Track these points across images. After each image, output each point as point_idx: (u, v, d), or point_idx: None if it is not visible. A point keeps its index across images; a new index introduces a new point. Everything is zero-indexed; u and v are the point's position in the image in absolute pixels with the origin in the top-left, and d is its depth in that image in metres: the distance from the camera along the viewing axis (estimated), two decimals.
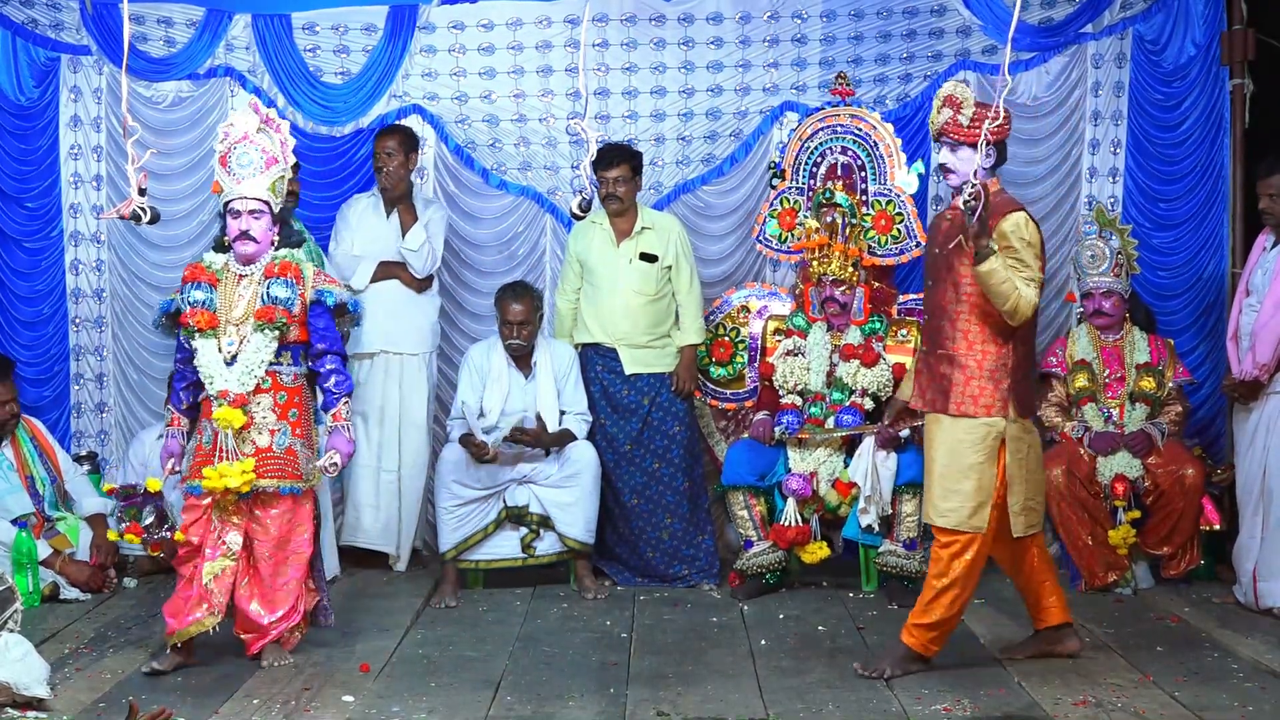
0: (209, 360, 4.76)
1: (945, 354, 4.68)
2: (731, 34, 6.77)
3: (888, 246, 6.16)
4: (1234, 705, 4.45)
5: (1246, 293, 5.80)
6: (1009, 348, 4.64)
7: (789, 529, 5.87)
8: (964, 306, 4.64)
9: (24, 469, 6.04)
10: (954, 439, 4.65)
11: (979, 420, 4.63)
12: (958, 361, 4.65)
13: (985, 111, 4.57)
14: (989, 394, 4.62)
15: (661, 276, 6.17)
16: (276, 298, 4.79)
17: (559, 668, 4.93)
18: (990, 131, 4.52)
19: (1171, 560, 6.11)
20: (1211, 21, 6.63)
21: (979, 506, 4.63)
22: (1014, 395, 4.64)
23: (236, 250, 4.83)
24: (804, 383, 6.04)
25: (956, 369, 4.65)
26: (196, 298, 4.79)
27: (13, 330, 6.79)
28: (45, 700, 4.38)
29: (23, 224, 6.79)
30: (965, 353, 4.65)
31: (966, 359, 4.65)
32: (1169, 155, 6.71)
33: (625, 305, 6.15)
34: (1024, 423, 4.70)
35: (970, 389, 4.63)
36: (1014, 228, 4.57)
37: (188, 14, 6.73)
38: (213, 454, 4.77)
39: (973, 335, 4.65)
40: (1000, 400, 4.62)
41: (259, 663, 4.86)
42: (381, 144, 6.34)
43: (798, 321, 6.16)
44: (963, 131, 4.62)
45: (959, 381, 4.64)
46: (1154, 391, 6.17)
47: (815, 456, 5.94)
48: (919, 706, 4.44)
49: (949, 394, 4.66)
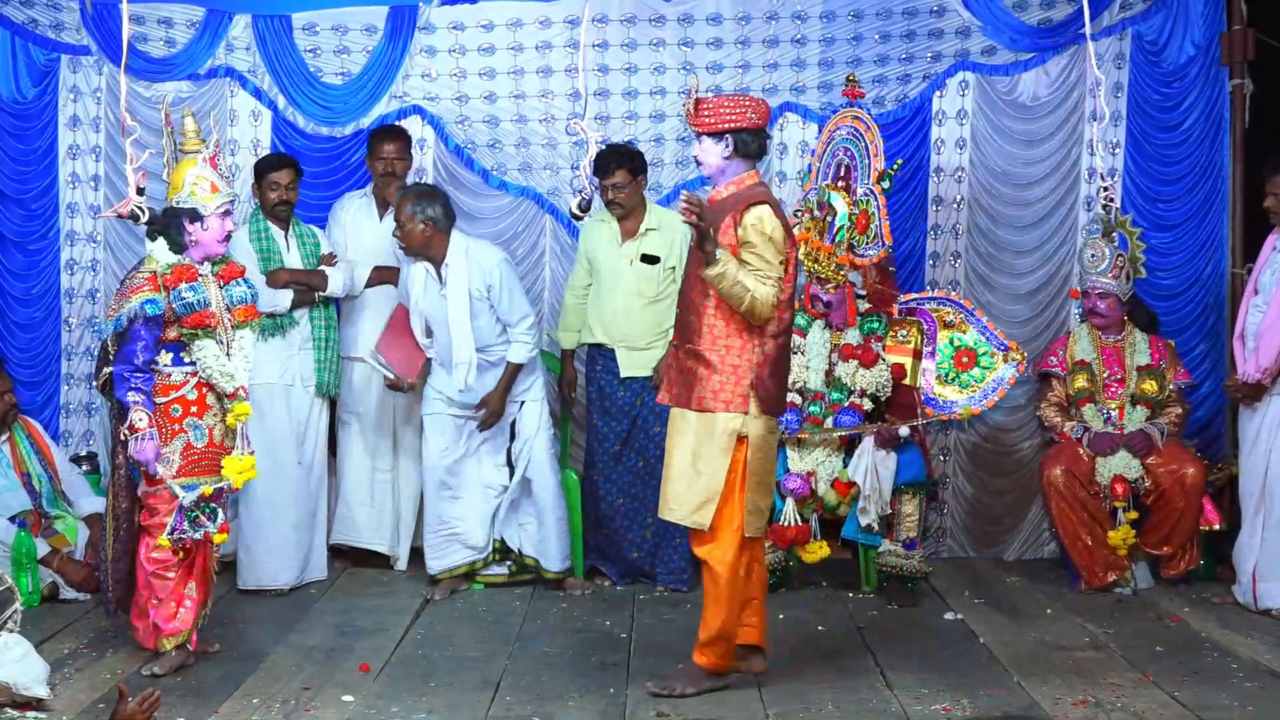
0: (218, 359, 4.81)
1: (691, 349, 4.60)
2: (731, 35, 6.77)
3: (864, 246, 6.13)
4: (1234, 705, 4.46)
5: (1254, 292, 5.77)
6: (755, 345, 4.54)
7: (789, 529, 5.87)
8: (710, 302, 4.57)
9: (20, 466, 6.05)
10: (693, 434, 4.58)
11: (718, 415, 4.54)
12: (702, 357, 4.57)
13: (720, 101, 4.57)
14: (729, 390, 4.53)
15: (665, 278, 6.12)
16: (243, 298, 4.93)
17: (559, 668, 4.94)
18: (724, 121, 4.50)
19: (1171, 560, 6.12)
20: (1211, 21, 6.63)
21: (705, 503, 4.56)
22: (756, 393, 4.54)
23: (216, 250, 4.88)
24: (803, 381, 6.04)
25: (701, 364, 4.57)
26: (197, 298, 4.78)
27: (9, 334, 6.76)
28: (45, 700, 4.38)
29: (20, 225, 6.77)
30: (709, 348, 4.56)
31: (710, 354, 4.56)
32: (1168, 156, 6.71)
33: (625, 306, 6.13)
34: (767, 421, 4.60)
35: (712, 384, 4.54)
36: (755, 221, 4.49)
37: (188, 14, 6.72)
38: (210, 451, 4.83)
39: (718, 331, 4.56)
40: (740, 397, 4.53)
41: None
42: (384, 146, 6.32)
43: (799, 321, 6.16)
44: (694, 120, 4.57)
45: (702, 377, 4.56)
46: (1155, 395, 6.16)
47: (814, 456, 5.94)
48: (919, 706, 4.45)
49: (692, 389, 4.58)
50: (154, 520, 4.83)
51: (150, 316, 4.71)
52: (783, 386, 4.68)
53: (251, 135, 6.76)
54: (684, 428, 4.61)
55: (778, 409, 4.67)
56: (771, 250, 4.49)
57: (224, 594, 5.90)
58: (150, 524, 4.84)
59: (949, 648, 5.19)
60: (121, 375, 4.75)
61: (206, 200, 4.82)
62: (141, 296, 4.72)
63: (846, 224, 6.04)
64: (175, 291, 4.75)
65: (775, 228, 4.51)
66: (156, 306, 4.72)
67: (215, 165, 4.89)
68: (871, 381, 5.95)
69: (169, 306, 4.74)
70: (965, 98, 6.74)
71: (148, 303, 4.71)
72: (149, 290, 4.73)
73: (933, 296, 6.31)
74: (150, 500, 4.83)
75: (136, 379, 4.76)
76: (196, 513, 4.80)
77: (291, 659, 5.02)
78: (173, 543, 4.79)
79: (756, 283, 4.46)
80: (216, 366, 4.81)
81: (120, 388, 4.75)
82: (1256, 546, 5.66)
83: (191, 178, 4.82)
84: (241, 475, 4.86)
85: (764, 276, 4.47)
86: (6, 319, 6.78)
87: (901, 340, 6.12)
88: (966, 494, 6.79)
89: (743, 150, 4.59)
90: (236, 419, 4.87)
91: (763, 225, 4.49)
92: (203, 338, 4.79)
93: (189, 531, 4.81)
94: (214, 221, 4.84)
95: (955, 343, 6.18)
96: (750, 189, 4.59)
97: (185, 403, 4.82)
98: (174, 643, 4.84)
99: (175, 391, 4.82)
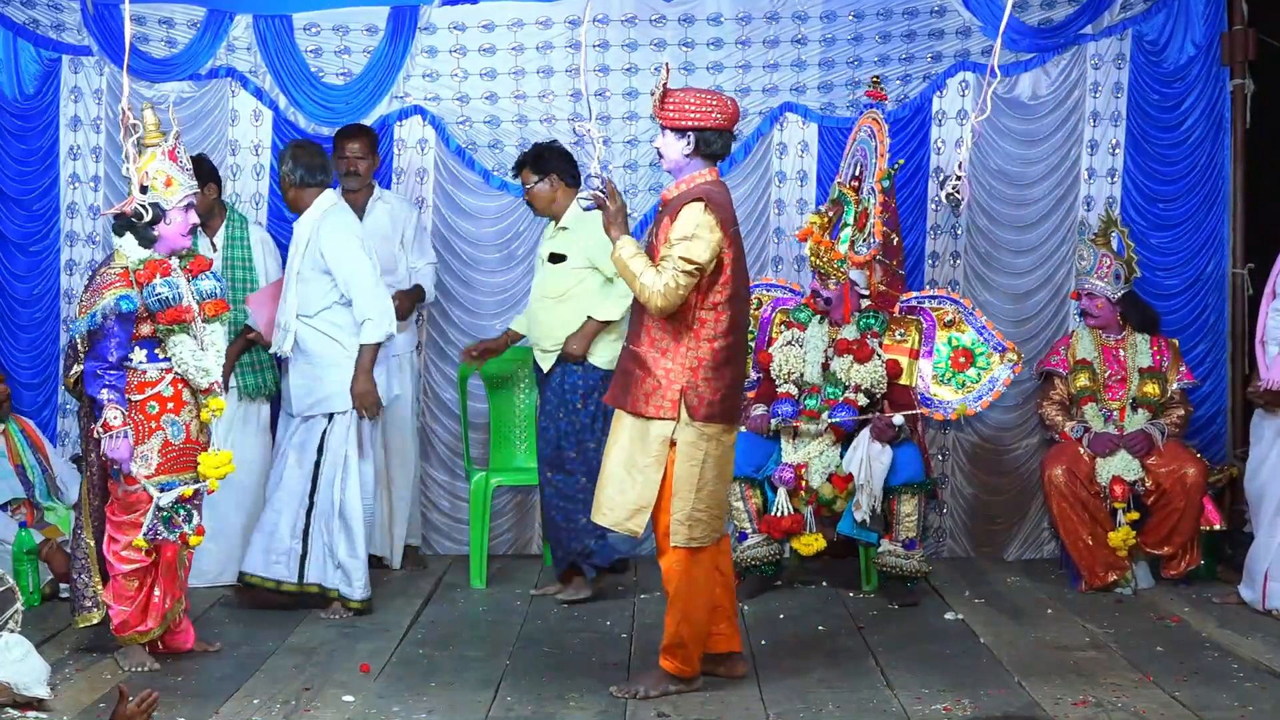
0: (194, 354, 4.78)
1: (632, 350, 4.53)
2: (731, 35, 6.77)
3: (860, 243, 6.12)
4: (1234, 705, 4.45)
5: (1274, 295, 5.66)
6: (691, 349, 4.42)
7: (782, 519, 5.86)
8: None
9: (14, 457, 6.07)
10: (627, 438, 4.50)
11: (650, 421, 4.45)
12: (640, 359, 4.47)
13: (686, 97, 4.48)
14: (660, 395, 4.43)
15: (575, 279, 5.85)
16: (212, 291, 4.88)
17: (559, 668, 4.94)
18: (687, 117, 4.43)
19: (1172, 560, 6.12)
20: (1212, 21, 6.63)
21: (639, 510, 4.48)
22: (687, 400, 4.41)
23: (181, 244, 4.84)
24: (799, 372, 6.04)
25: (638, 366, 4.48)
26: (172, 294, 4.73)
27: (10, 335, 6.77)
28: (45, 700, 4.38)
29: (22, 225, 6.79)
30: (646, 350, 4.47)
31: (647, 356, 4.46)
32: (1168, 156, 6.71)
33: (537, 306, 5.97)
34: (702, 428, 4.44)
35: (645, 387, 4.45)
36: (685, 215, 4.39)
37: (189, 14, 6.73)
38: (188, 447, 4.83)
39: (655, 333, 4.46)
40: (670, 403, 4.42)
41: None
42: (347, 145, 6.26)
43: (800, 315, 6.17)
44: (658, 112, 4.50)
45: (637, 380, 4.47)
46: (1157, 398, 6.16)
47: (808, 449, 5.94)
48: (919, 706, 4.45)
49: (629, 391, 4.51)
50: (129, 518, 4.80)
51: (124, 313, 4.68)
52: (725, 393, 4.48)
53: (253, 135, 6.77)
54: (619, 430, 4.55)
55: (718, 417, 4.47)
56: (695, 247, 4.34)
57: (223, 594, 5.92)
58: (124, 521, 4.81)
59: (949, 648, 5.19)
60: (94, 372, 4.71)
61: (166, 195, 4.78)
62: (115, 293, 4.68)
63: (850, 222, 6.05)
64: (149, 287, 4.71)
65: (705, 225, 4.36)
66: (130, 303, 4.68)
67: (175, 158, 4.81)
68: (866, 377, 5.95)
69: (142, 302, 4.72)
70: (965, 98, 6.74)
71: (122, 299, 4.67)
72: (121, 286, 4.70)
73: (933, 295, 6.32)
74: (130, 499, 4.80)
75: (110, 376, 4.72)
76: (171, 513, 4.77)
77: (292, 659, 5.02)
78: (149, 543, 4.78)
79: (648, 270, 4.38)
80: (192, 362, 4.77)
81: (93, 385, 4.71)
82: (1275, 548, 5.62)
83: (151, 172, 4.77)
84: (217, 470, 4.80)
85: (667, 268, 4.35)
86: (7, 320, 6.79)
87: (899, 340, 6.13)
88: (966, 494, 6.79)
89: (704, 149, 4.49)
90: (211, 414, 4.85)
91: (690, 219, 4.37)
92: (178, 333, 4.76)
93: (164, 532, 4.79)
94: (176, 215, 4.80)
95: (953, 343, 6.19)
96: (698, 186, 4.48)
97: (162, 399, 4.80)
98: (141, 639, 4.86)
99: (151, 388, 4.79)
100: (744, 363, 4.77)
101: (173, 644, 5.02)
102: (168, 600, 4.92)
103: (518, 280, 6.82)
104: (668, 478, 4.47)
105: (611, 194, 4.52)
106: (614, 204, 4.51)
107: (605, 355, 5.80)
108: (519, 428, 6.59)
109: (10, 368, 6.62)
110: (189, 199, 4.85)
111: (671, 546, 4.51)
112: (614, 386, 4.61)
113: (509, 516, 6.89)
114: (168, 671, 4.84)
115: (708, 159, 4.53)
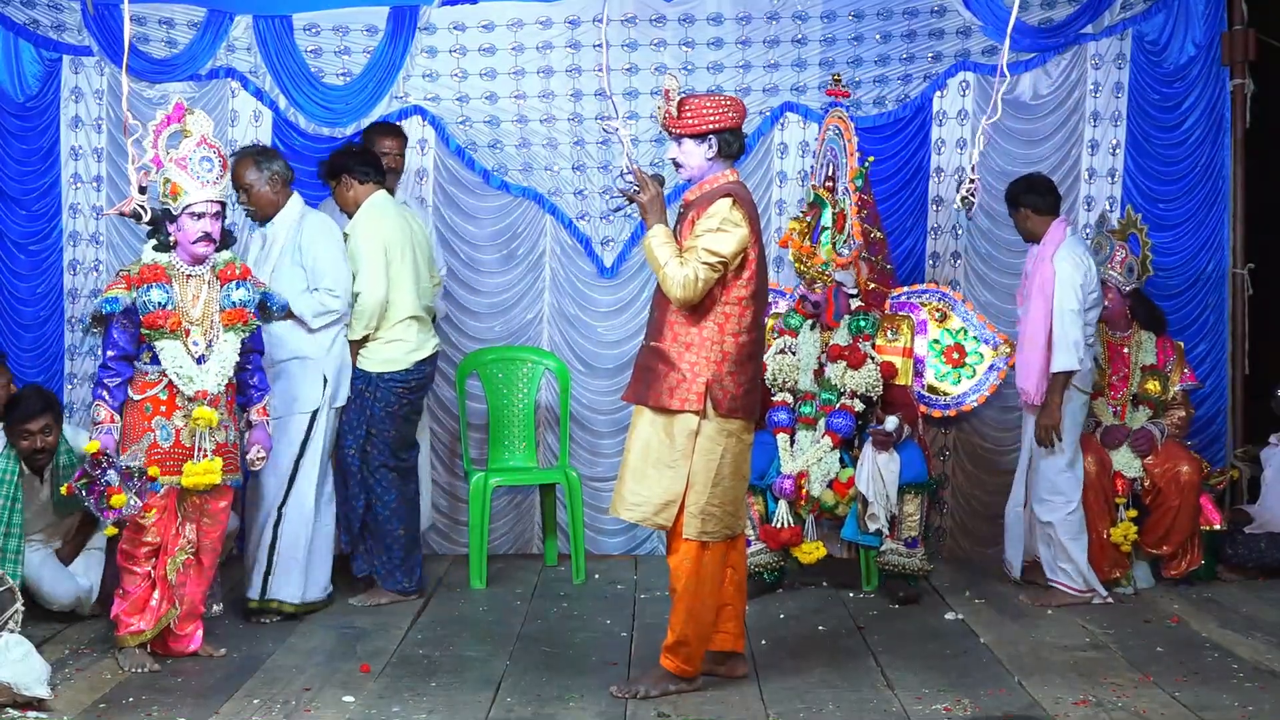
0: (179, 360, 4.77)
1: (653, 346, 4.55)
2: (731, 35, 6.78)
3: (840, 244, 6.11)
4: (1234, 705, 4.45)
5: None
6: (715, 343, 4.46)
7: (781, 531, 5.87)
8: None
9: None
10: (650, 433, 4.53)
11: (674, 416, 4.48)
12: (662, 354, 4.50)
13: (701, 102, 4.51)
14: (685, 389, 4.45)
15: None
16: (241, 301, 4.89)
17: (559, 668, 4.94)
18: (707, 122, 4.47)
19: (1172, 560, 6.12)
20: (1212, 21, 6.64)
21: (666, 504, 4.50)
22: (712, 393, 4.45)
23: (195, 251, 4.83)
24: (794, 380, 6.04)
25: (660, 362, 4.50)
26: (157, 298, 4.75)
27: (14, 334, 6.78)
28: (45, 700, 4.39)
29: (23, 225, 6.79)
30: (669, 346, 4.49)
31: (669, 351, 4.49)
32: (1168, 156, 6.71)
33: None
34: (724, 423, 4.49)
35: (669, 382, 4.47)
36: (712, 210, 4.44)
37: (189, 15, 6.73)
38: (175, 452, 4.81)
39: (678, 328, 4.49)
40: (695, 396, 4.45)
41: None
42: (385, 141, 6.21)
43: (791, 321, 6.17)
44: (675, 122, 4.52)
45: (660, 374, 4.49)
46: (1158, 396, 6.16)
47: (806, 456, 5.94)
48: (919, 706, 4.45)
49: (651, 386, 4.52)
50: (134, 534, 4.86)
51: (104, 314, 4.74)
52: (747, 387, 4.54)
53: (253, 136, 6.76)
54: (641, 425, 4.57)
55: (740, 411, 4.53)
56: (721, 239, 4.40)
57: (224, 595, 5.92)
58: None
59: (949, 648, 5.19)
60: (98, 367, 4.88)
61: (172, 202, 4.80)
62: (109, 294, 4.76)
63: (830, 224, 6.06)
64: (141, 290, 4.74)
65: (732, 219, 4.42)
66: (113, 305, 4.72)
67: (184, 165, 4.78)
68: (861, 382, 5.94)
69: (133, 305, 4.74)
70: (966, 98, 6.74)
71: (104, 301, 4.75)
72: (119, 288, 4.76)
73: (924, 289, 6.33)
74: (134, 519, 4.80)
75: (102, 373, 4.81)
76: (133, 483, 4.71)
77: (292, 660, 5.03)
78: (114, 523, 4.78)
79: (673, 260, 4.42)
80: (173, 368, 4.78)
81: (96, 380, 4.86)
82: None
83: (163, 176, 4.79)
84: (199, 479, 4.80)
85: (691, 260, 4.40)
86: (11, 319, 6.80)
87: (891, 340, 6.13)
88: (966, 494, 6.79)
89: (725, 150, 4.55)
90: (194, 423, 4.80)
91: (718, 213, 4.43)
92: (166, 338, 4.76)
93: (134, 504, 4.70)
94: (185, 221, 4.80)
95: (946, 338, 6.21)
96: (724, 184, 4.53)
97: (156, 401, 4.82)
98: (134, 641, 4.87)
99: (150, 390, 4.82)
100: (762, 360, 4.77)
101: (175, 648, 5.02)
102: (164, 605, 4.92)
103: (517, 280, 6.83)
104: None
105: (643, 184, 4.53)
106: (647, 193, 4.53)
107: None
108: (518, 428, 6.59)
109: (15, 366, 6.62)
110: (197, 206, 4.78)
111: (683, 539, 4.52)
112: (634, 383, 4.62)
113: (508, 517, 6.90)
114: (168, 672, 4.85)
115: (727, 160, 4.58)
